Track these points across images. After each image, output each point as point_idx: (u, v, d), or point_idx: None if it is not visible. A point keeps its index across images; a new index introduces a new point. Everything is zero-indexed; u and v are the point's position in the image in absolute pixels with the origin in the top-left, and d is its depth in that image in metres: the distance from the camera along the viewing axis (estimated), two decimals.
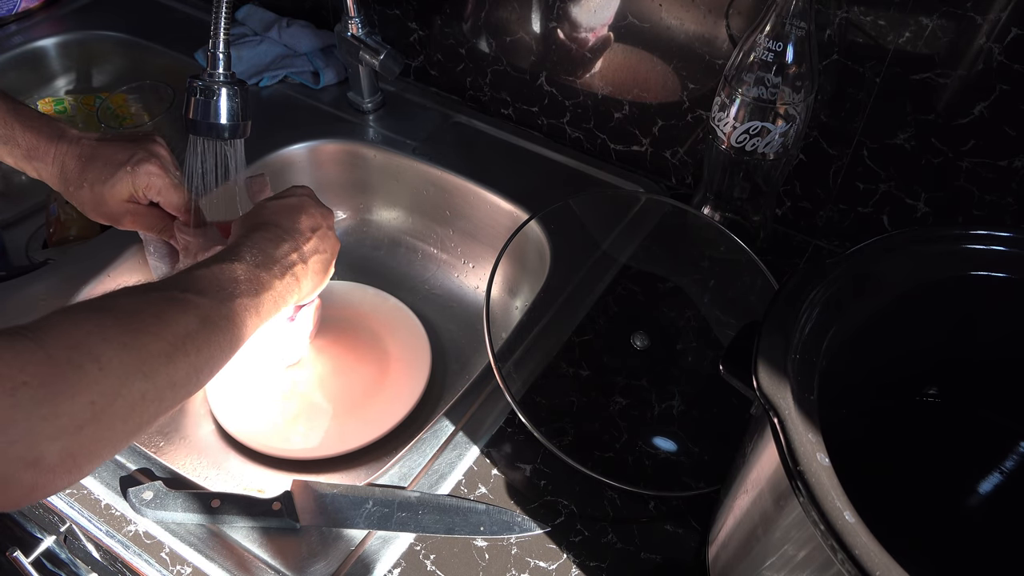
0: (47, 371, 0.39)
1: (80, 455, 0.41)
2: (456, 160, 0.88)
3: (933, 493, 0.53)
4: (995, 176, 0.68)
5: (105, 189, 0.66)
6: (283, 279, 0.57)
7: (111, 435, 0.42)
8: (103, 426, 0.41)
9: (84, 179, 0.66)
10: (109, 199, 0.66)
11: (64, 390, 0.39)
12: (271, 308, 0.55)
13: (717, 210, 0.77)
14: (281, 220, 0.61)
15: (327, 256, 0.64)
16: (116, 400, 0.42)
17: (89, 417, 0.40)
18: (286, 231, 0.60)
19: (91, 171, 0.66)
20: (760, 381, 0.39)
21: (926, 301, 0.47)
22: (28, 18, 1.10)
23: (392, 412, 0.75)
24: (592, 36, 0.81)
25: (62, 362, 0.40)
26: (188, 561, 0.56)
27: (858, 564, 0.32)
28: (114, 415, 0.42)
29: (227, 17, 0.65)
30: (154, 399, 0.44)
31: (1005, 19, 0.60)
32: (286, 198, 0.64)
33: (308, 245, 0.61)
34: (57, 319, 0.42)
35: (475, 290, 0.90)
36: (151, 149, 0.67)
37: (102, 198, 0.66)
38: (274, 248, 0.58)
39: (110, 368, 0.42)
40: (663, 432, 0.65)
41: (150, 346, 0.44)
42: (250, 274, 0.54)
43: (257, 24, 1.02)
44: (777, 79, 0.64)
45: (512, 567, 0.56)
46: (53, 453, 0.39)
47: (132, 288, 0.49)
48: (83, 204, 0.67)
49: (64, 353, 0.40)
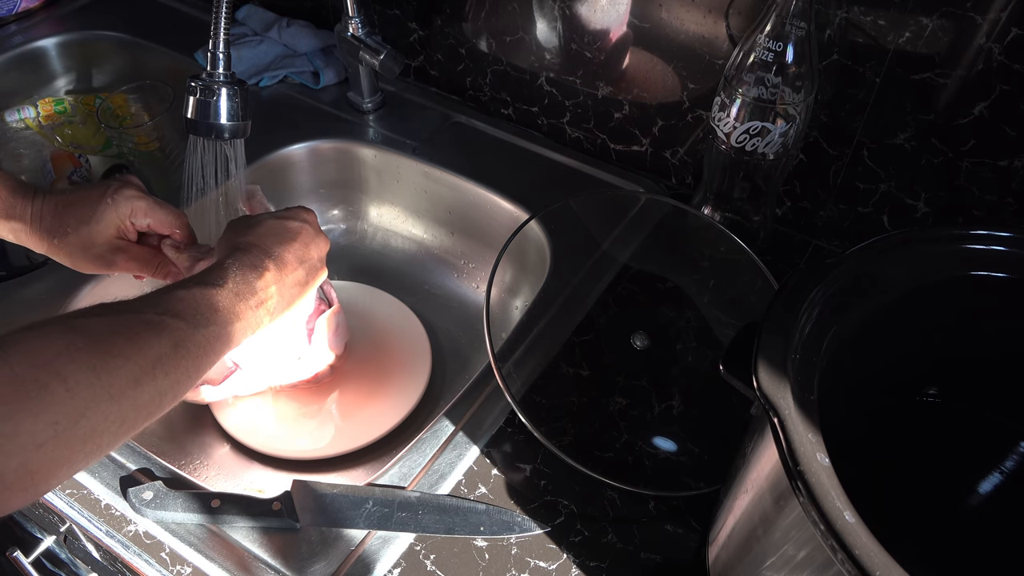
0: (10, 389, 0.39)
1: (38, 473, 0.40)
2: (456, 160, 0.88)
3: (933, 493, 0.53)
4: (995, 176, 0.68)
5: (91, 228, 0.63)
6: (256, 311, 0.56)
7: (71, 455, 0.41)
8: (64, 446, 0.40)
9: (67, 225, 0.63)
10: (96, 238, 0.64)
11: (26, 409, 0.39)
12: (240, 337, 0.54)
13: (717, 210, 0.77)
14: (271, 246, 0.59)
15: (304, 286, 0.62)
16: (80, 421, 0.41)
17: (50, 436, 0.39)
18: (273, 260, 0.58)
19: (72, 215, 0.63)
20: (760, 381, 0.39)
21: (926, 301, 0.47)
22: (28, 18, 1.10)
23: (392, 412, 0.75)
24: (592, 36, 0.81)
25: (27, 380, 0.39)
26: (188, 561, 0.56)
27: (858, 564, 0.32)
28: (75, 436, 0.41)
29: (227, 17, 0.65)
30: (117, 420, 0.43)
31: (1005, 19, 0.60)
32: (284, 220, 0.62)
33: (290, 277, 0.59)
34: (27, 336, 0.42)
35: (475, 290, 0.90)
36: (123, 179, 0.66)
37: (89, 239, 0.63)
38: (257, 278, 0.56)
39: (77, 390, 0.41)
40: (663, 432, 0.65)
41: (120, 369, 0.43)
42: (229, 302, 0.53)
43: (257, 24, 1.02)
44: (777, 79, 0.64)
45: (512, 567, 0.56)
46: (10, 471, 0.38)
47: (109, 305, 0.48)
48: (71, 253, 0.64)
49: (30, 372, 0.40)
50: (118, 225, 0.64)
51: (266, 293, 0.57)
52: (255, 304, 0.55)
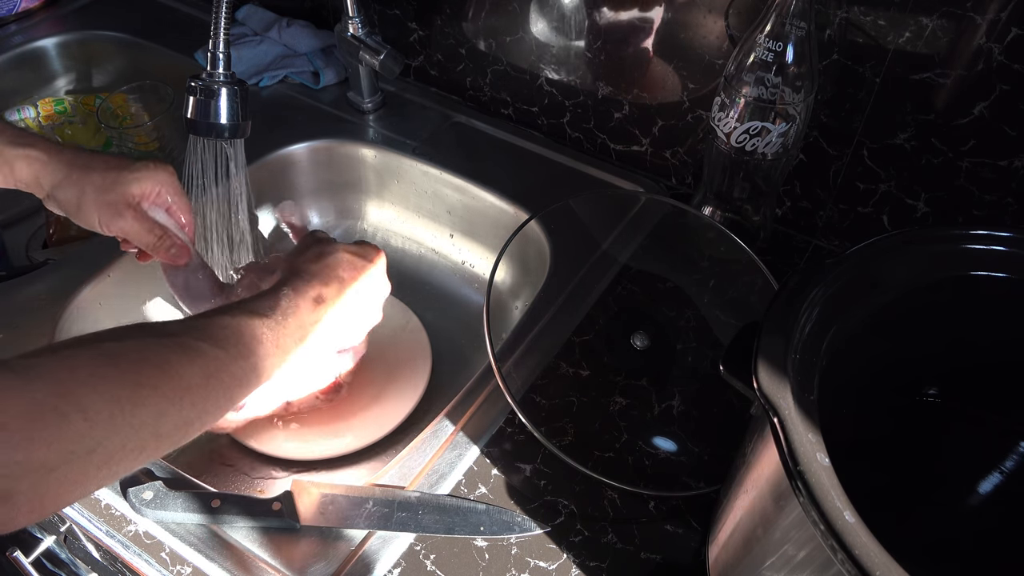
0: (29, 417, 0.38)
1: (47, 496, 0.39)
2: (456, 160, 0.88)
3: (933, 493, 0.53)
4: (995, 176, 0.68)
5: (120, 175, 0.62)
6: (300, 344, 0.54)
7: (84, 480, 0.40)
8: (77, 471, 0.39)
9: (95, 166, 0.62)
10: (120, 186, 0.62)
11: (42, 438, 0.38)
12: (275, 371, 0.53)
13: (717, 210, 0.77)
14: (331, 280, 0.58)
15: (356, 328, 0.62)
16: (97, 450, 0.40)
17: (63, 463, 0.39)
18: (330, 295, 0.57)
19: (104, 160, 0.63)
20: (760, 381, 0.39)
21: (926, 301, 0.47)
22: (28, 18, 1.10)
23: (392, 412, 0.75)
24: (592, 36, 0.81)
25: (47, 409, 0.38)
26: (188, 561, 0.56)
27: (858, 564, 0.32)
28: (90, 463, 0.40)
29: (227, 17, 0.65)
30: (135, 450, 0.42)
31: (1005, 19, 0.60)
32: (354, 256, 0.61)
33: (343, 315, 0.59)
34: (52, 360, 0.41)
35: (475, 290, 0.90)
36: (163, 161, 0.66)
37: (112, 184, 0.62)
38: (308, 311, 0.55)
39: (97, 420, 0.40)
40: (663, 432, 0.65)
41: (145, 400, 0.42)
42: (273, 335, 0.52)
43: (257, 24, 1.02)
44: (777, 79, 0.64)
45: (512, 567, 0.56)
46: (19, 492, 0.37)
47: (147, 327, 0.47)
48: (84, 192, 0.62)
49: (51, 400, 0.39)
50: (146, 188, 0.64)
51: (315, 328, 0.56)
52: (299, 338, 0.54)
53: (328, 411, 0.75)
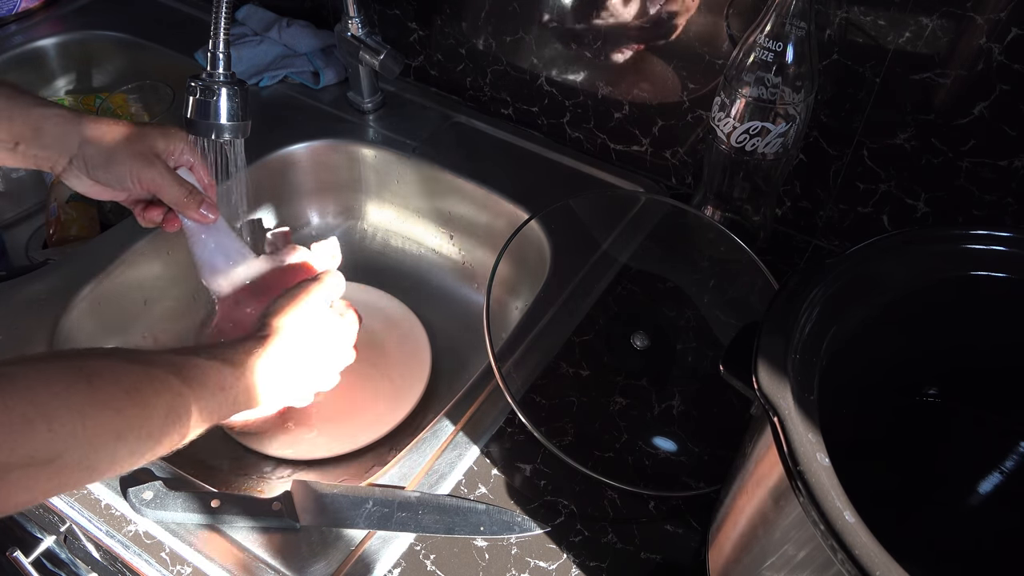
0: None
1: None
2: (456, 160, 0.88)
3: (933, 493, 0.53)
4: (995, 176, 0.68)
5: (146, 128, 0.64)
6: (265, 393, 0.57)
7: (34, 487, 0.41)
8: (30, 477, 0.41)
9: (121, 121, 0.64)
10: (149, 138, 0.64)
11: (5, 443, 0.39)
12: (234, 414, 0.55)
13: (717, 210, 0.77)
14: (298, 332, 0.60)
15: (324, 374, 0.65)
16: (54, 460, 0.41)
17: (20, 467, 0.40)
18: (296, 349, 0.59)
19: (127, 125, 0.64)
20: (760, 381, 0.39)
21: (926, 301, 0.47)
22: (28, 18, 1.10)
23: (392, 412, 0.75)
24: (592, 36, 0.81)
25: (15, 415, 0.40)
26: (188, 561, 0.56)
27: (858, 564, 0.32)
28: (44, 472, 0.41)
29: (227, 17, 0.65)
30: (88, 468, 0.44)
31: (1005, 19, 0.60)
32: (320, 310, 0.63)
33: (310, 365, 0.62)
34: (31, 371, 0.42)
35: (475, 290, 0.90)
36: None
37: (142, 135, 0.64)
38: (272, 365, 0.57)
39: (60, 432, 0.41)
40: (663, 432, 0.65)
41: (109, 421, 0.44)
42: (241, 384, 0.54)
43: (257, 24, 1.02)
44: (777, 79, 0.64)
45: (512, 567, 0.56)
46: None
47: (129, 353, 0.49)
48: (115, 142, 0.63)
49: (21, 407, 0.40)
50: (172, 143, 0.65)
51: (280, 379, 0.58)
52: (265, 389, 0.57)
53: (328, 411, 0.75)
